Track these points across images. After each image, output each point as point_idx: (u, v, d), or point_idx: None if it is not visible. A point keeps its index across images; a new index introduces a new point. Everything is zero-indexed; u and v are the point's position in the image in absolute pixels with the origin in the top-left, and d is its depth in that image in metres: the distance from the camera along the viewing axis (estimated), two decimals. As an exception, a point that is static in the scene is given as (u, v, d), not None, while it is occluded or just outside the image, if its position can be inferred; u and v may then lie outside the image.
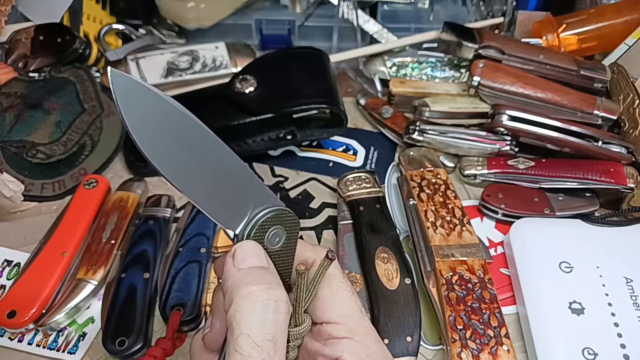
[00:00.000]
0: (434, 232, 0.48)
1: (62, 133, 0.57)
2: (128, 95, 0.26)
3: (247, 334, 0.25)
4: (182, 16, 0.66)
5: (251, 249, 0.29)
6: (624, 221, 0.51)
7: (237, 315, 0.26)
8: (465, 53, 0.61)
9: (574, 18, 0.66)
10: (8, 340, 0.45)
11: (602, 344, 0.42)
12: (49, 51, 0.62)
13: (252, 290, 0.26)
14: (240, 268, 0.28)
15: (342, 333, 0.29)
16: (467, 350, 0.41)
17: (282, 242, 0.31)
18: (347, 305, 0.30)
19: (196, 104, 0.59)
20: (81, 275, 0.47)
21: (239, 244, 0.29)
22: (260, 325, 0.26)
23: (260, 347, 0.25)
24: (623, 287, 0.46)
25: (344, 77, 0.68)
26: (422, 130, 0.57)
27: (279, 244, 0.31)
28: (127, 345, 0.42)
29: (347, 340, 0.29)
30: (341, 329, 0.29)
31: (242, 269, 0.28)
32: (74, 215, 0.51)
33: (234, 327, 0.25)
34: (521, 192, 0.54)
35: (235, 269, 0.28)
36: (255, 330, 0.25)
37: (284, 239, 0.31)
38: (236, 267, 0.28)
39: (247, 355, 0.24)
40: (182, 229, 0.50)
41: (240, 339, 0.25)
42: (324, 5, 0.69)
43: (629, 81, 0.58)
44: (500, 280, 0.49)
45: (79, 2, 0.65)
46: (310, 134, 0.57)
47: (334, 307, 0.30)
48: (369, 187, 0.53)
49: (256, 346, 0.25)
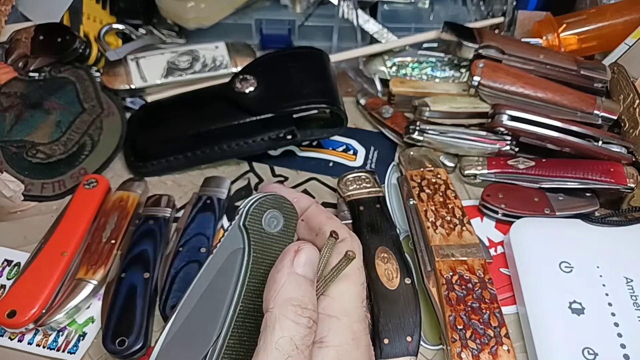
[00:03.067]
0: (434, 232, 0.48)
1: (62, 133, 0.57)
2: None
3: (290, 338, 0.27)
4: (182, 16, 0.66)
5: (313, 258, 0.30)
6: (624, 221, 0.51)
7: (283, 321, 0.27)
8: (465, 53, 0.61)
9: (574, 18, 0.65)
10: (8, 340, 0.45)
11: (602, 344, 0.42)
12: (49, 51, 0.61)
13: (303, 306, 0.28)
14: (297, 272, 0.29)
15: (334, 312, 0.30)
16: (467, 350, 0.41)
17: (281, 227, 0.32)
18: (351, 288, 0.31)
19: (196, 104, 0.60)
20: (81, 275, 0.47)
21: (307, 246, 0.30)
22: (303, 334, 0.27)
23: (300, 351, 0.27)
24: (623, 287, 0.46)
25: (344, 77, 0.68)
26: (422, 130, 0.57)
27: (277, 229, 0.32)
28: (127, 345, 0.42)
29: (336, 320, 0.30)
30: (336, 307, 0.30)
31: (298, 274, 0.29)
32: (74, 215, 0.51)
33: (277, 329, 0.27)
34: (521, 192, 0.54)
35: (292, 269, 0.29)
36: (298, 337, 0.27)
37: (282, 225, 0.32)
38: (294, 268, 0.29)
39: (287, 355, 0.26)
40: (182, 228, 0.50)
41: (283, 340, 0.27)
42: (324, 5, 0.69)
43: (629, 81, 0.58)
44: (500, 280, 0.49)
45: (79, 2, 0.65)
46: (310, 134, 0.57)
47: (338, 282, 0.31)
48: (369, 187, 0.53)
49: (296, 349, 0.27)
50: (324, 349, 0.29)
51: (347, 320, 0.30)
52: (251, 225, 0.31)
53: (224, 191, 0.54)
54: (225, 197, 0.54)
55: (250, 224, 0.31)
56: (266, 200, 0.32)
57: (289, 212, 0.33)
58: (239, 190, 0.57)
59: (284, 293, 0.28)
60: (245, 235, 0.31)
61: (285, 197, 0.33)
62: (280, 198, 0.32)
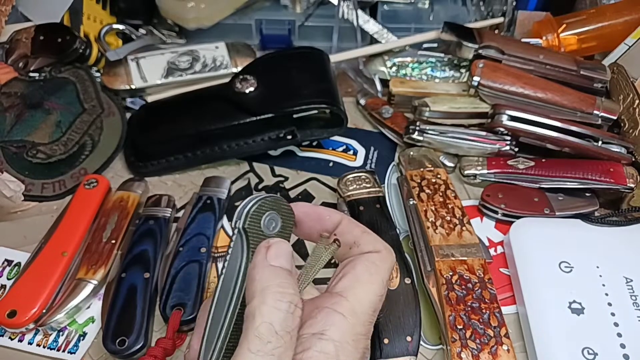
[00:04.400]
0: (434, 232, 0.48)
1: (63, 133, 0.57)
2: None
3: (269, 323, 0.27)
4: (182, 16, 0.66)
5: (285, 250, 0.31)
6: (624, 221, 0.51)
7: (262, 307, 0.28)
8: (465, 53, 0.61)
9: (574, 18, 0.66)
10: (8, 340, 0.45)
11: (602, 344, 0.42)
12: (49, 51, 0.62)
13: (281, 290, 0.28)
14: (271, 264, 0.30)
15: (342, 309, 0.30)
16: (467, 350, 0.41)
17: (279, 229, 0.32)
18: (368, 296, 0.31)
19: (196, 104, 0.60)
20: (81, 275, 0.47)
21: (276, 240, 0.31)
22: (283, 319, 0.27)
23: (280, 336, 0.27)
24: (623, 287, 0.46)
25: (344, 77, 0.68)
26: (422, 130, 0.57)
27: (275, 230, 0.32)
28: (127, 345, 0.42)
29: (341, 317, 0.29)
30: (345, 306, 0.30)
31: (273, 265, 0.30)
32: (74, 215, 0.51)
33: (257, 316, 0.27)
34: (521, 192, 0.54)
35: (266, 263, 0.30)
36: (277, 322, 0.27)
37: (280, 227, 0.32)
38: (268, 261, 0.30)
39: (266, 341, 0.27)
40: (182, 228, 0.50)
41: (263, 326, 0.27)
42: (324, 5, 0.69)
43: (629, 81, 0.58)
44: (500, 280, 0.49)
45: (79, 2, 0.65)
46: (310, 134, 0.57)
47: (358, 286, 0.31)
48: (369, 187, 0.53)
49: (276, 334, 0.27)
50: (324, 341, 0.29)
51: (352, 320, 0.30)
52: (250, 228, 0.31)
53: (224, 191, 0.54)
54: (225, 197, 0.54)
55: (250, 226, 0.31)
56: (265, 202, 0.31)
57: (287, 214, 0.33)
58: (239, 190, 0.57)
59: (261, 283, 0.29)
60: (244, 237, 0.31)
61: (282, 199, 0.32)
62: (278, 199, 0.32)
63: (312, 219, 0.34)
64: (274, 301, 0.28)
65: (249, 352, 0.26)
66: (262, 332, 0.27)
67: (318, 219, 0.34)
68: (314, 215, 0.34)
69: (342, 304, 0.30)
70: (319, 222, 0.34)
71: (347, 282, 0.31)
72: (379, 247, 0.33)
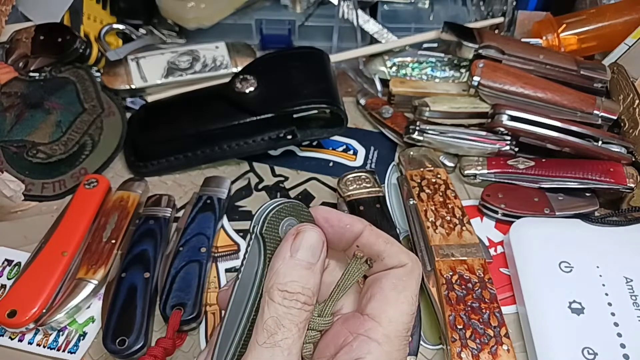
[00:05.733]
0: (433, 232, 0.48)
1: (63, 133, 0.57)
2: None
3: (276, 317, 0.28)
4: (182, 16, 0.66)
5: (311, 241, 0.30)
6: (624, 221, 0.51)
7: (269, 303, 0.28)
8: (465, 53, 0.61)
9: (574, 18, 0.66)
10: (8, 340, 0.45)
11: (602, 344, 0.42)
12: (49, 51, 0.62)
13: (293, 287, 0.28)
14: (292, 256, 0.29)
15: (377, 336, 0.29)
16: (467, 350, 0.41)
17: None
18: (400, 318, 0.30)
19: (196, 104, 0.60)
20: (81, 274, 0.47)
21: (306, 228, 0.30)
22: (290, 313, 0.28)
23: (287, 329, 0.28)
24: (623, 287, 0.46)
25: (344, 77, 0.68)
26: (422, 130, 0.57)
27: None
28: (127, 345, 0.42)
29: (376, 345, 0.29)
30: (380, 332, 0.29)
31: (293, 257, 0.29)
32: (74, 214, 0.51)
33: (265, 311, 0.28)
34: (521, 192, 0.54)
35: (287, 254, 0.29)
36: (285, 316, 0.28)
37: None
38: (291, 252, 0.29)
39: (272, 333, 0.27)
40: (182, 228, 0.50)
41: (270, 320, 0.28)
42: (324, 5, 0.69)
43: (629, 81, 0.58)
44: (500, 280, 0.49)
45: (79, 2, 0.65)
46: (310, 133, 0.57)
47: (388, 309, 0.30)
48: (369, 187, 0.53)
49: (283, 327, 0.27)
50: None
51: (387, 347, 0.29)
52: (268, 234, 0.30)
53: (224, 191, 0.54)
54: (225, 196, 0.54)
55: (267, 232, 0.30)
56: (284, 207, 0.30)
57: (306, 220, 0.31)
58: (239, 190, 0.57)
59: (275, 279, 0.29)
60: (261, 243, 0.30)
61: (302, 204, 0.31)
62: (297, 205, 0.31)
63: (331, 225, 0.32)
64: (280, 299, 0.28)
65: (257, 344, 0.27)
66: (269, 325, 0.27)
67: (338, 226, 0.32)
68: (334, 221, 0.32)
69: (376, 330, 0.29)
70: (339, 232, 0.32)
71: (376, 304, 0.30)
72: (404, 260, 0.31)
